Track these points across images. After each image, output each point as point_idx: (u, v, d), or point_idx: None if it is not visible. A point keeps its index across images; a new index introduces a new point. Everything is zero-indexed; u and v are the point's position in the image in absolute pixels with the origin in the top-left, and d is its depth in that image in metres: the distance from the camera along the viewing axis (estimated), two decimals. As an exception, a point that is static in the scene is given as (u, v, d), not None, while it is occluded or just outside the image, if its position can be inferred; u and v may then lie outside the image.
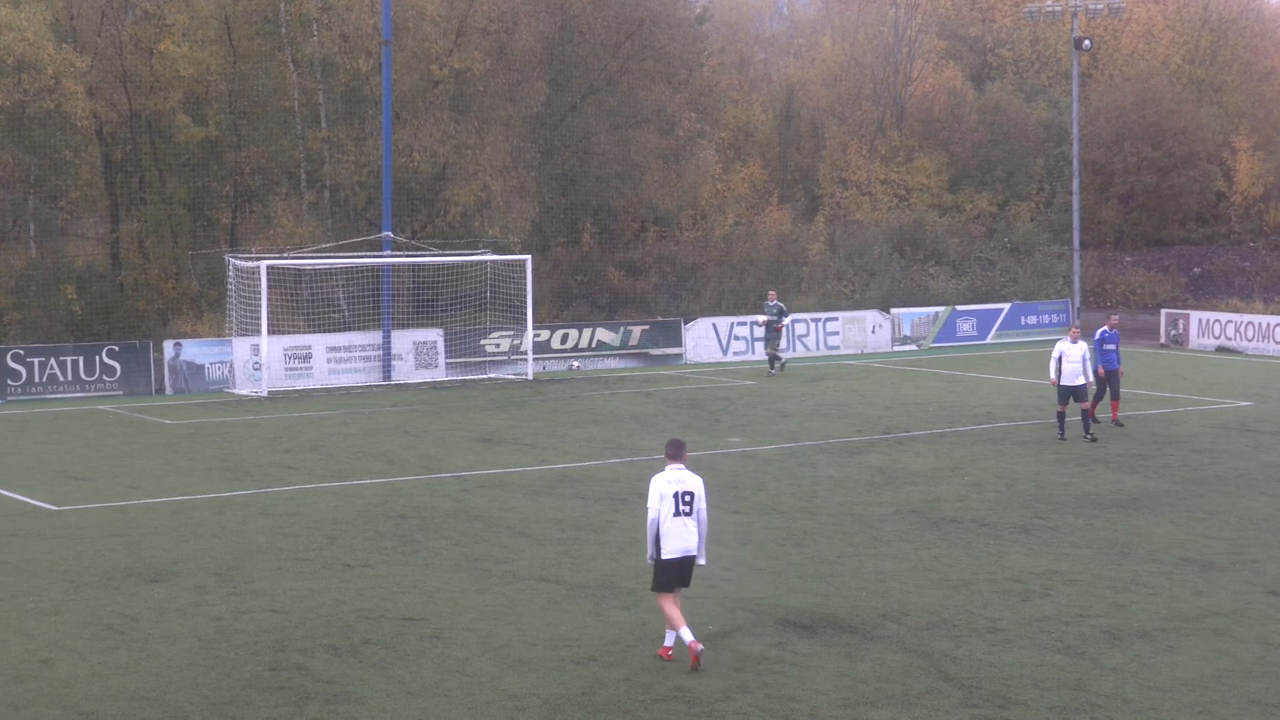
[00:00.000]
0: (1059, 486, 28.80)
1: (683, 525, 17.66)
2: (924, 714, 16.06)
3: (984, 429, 36.50)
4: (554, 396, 43.50)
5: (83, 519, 26.37)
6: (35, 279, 49.84)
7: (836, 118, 72.52)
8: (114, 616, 19.83)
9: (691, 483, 17.79)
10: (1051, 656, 18.03)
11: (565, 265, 60.55)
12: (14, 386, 42.84)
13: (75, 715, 16.11)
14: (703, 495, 17.89)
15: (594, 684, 17.05)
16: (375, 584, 21.50)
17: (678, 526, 17.65)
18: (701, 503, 17.82)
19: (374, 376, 46.67)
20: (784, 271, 62.03)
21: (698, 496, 17.79)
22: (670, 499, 17.62)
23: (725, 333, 53.53)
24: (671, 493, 17.64)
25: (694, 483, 17.81)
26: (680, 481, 17.75)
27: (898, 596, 20.70)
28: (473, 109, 54.69)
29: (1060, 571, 22.12)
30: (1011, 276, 65.82)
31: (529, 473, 30.61)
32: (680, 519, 17.65)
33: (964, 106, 72.53)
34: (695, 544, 17.76)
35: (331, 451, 33.69)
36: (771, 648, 18.37)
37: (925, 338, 57.50)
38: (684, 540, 17.67)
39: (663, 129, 62.50)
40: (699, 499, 17.80)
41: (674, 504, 17.63)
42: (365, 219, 53.41)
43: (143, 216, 53.20)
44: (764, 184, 70.71)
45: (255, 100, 53.55)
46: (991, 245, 67.81)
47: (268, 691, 16.81)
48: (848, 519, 25.95)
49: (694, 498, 17.74)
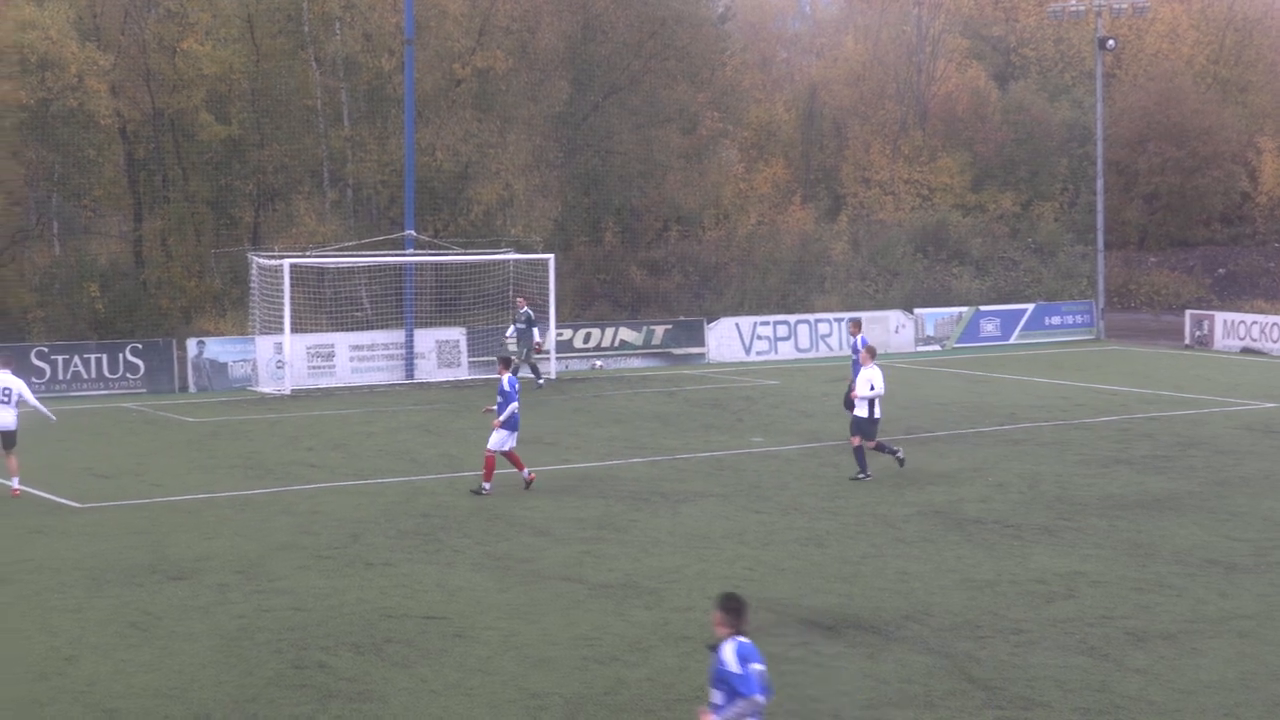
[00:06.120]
0: (1082, 487, 28.72)
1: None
2: (947, 715, 16.02)
3: (1007, 430, 36.41)
4: (576, 396, 43.48)
5: (106, 516, 26.42)
6: (59, 277, 49.94)
7: (859, 117, 72.37)
8: (137, 614, 19.86)
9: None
10: (1075, 658, 17.97)
11: (588, 264, 60.49)
12: (38, 384, 42.83)
13: (98, 712, 16.13)
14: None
15: (616, 683, 17.03)
16: (398, 582, 21.51)
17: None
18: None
19: (397, 375, 46.68)
20: (807, 271, 61.92)
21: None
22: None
23: (748, 332, 53.46)
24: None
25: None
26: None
27: (921, 597, 20.65)
28: (495, 108, 54.68)
29: (1084, 573, 22.05)
30: (1035, 277, 65.66)
31: (551, 472, 30.59)
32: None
33: (987, 106, 72.35)
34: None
35: (354, 450, 33.71)
36: (794, 648, 18.33)
37: (949, 338, 57.38)
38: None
39: (685, 128, 62.42)
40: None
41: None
42: (388, 218, 53.40)
43: (166, 214, 53.27)
44: (787, 183, 70.56)
45: (278, 99, 53.58)
46: (1015, 245, 67.63)
47: (290, 689, 16.82)
48: (870, 519, 25.90)
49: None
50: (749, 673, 11.90)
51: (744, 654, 12.02)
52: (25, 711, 16.17)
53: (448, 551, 23.54)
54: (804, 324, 54.93)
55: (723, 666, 11.98)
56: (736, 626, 12.17)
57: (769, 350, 53.46)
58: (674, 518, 26.11)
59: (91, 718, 16.01)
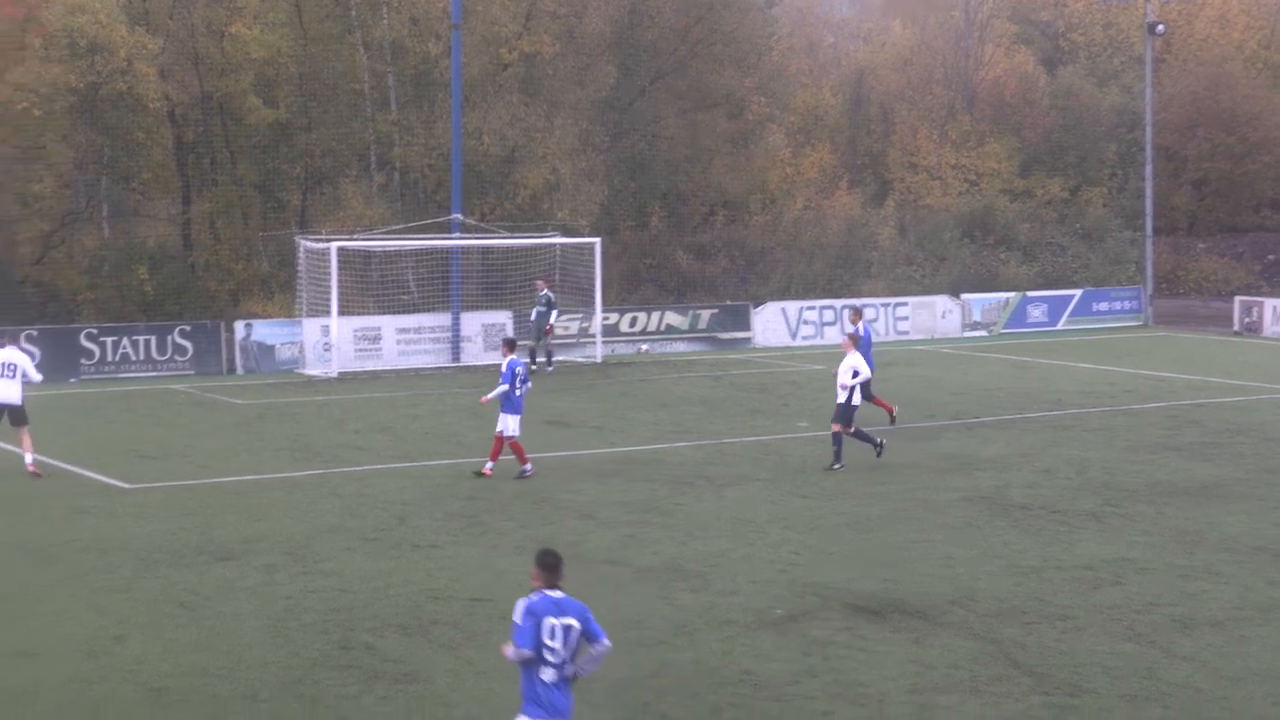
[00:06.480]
0: (1130, 474, 28.59)
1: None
2: (993, 700, 15.98)
3: (1054, 415, 36.28)
4: (622, 379, 43.51)
5: (154, 497, 26.56)
6: (108, 259, 50.23)
7: (906, 102, 72.12)
8: (185, 594, 19.97)
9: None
10: (1122, 645, 17.91)
11: (634, 248, 60.50)
12: (87, 365, 43.17)
13: (146, 691, 16.24)
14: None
15: (661, 666, 17.05)
16: (443, 565, 21.58)
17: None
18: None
19: (443, 358, 46.78)
20: (853, 256, 61.80)
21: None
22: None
23: (794, 317, 53.40)
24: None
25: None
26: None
27: (967, 583, 20.60)
28: (542, 92, 54.71)
29: (1131, 559, 21.96)
30: (1083, 262, 65.38)
31: (596, 455, 30.63)
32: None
33: (1035, 91, 72.05)
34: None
35: (400, 433, 33.81)
36: (840, 632, 18.31)
37: (995, 323, 57.19)
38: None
39: (732, 113, 62.34)
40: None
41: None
42: (434, 201, 53.50)
43: (214, 198, 53.48)
44: (833, 168, 70.36)
45: (325, 83, 53.74)
46: (1063, 231, 67.37)
47: (336, 670, 16.89)
48: (916, 504, 25.84)
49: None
50: (526, 625, 12.40)
51: (537, 608, 12.50)
52: (74, 689, 16.29)
53: (493, 534, 23.60)
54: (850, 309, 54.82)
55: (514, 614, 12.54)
56: (548, 581, 12.71)
57: (815, 335, 53.38)
58: (719, 502, 26.11)
59: (140, 696, 16.11)
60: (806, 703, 15.87)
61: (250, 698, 16.05)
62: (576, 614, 12.62)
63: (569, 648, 12.48)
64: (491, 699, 15.97)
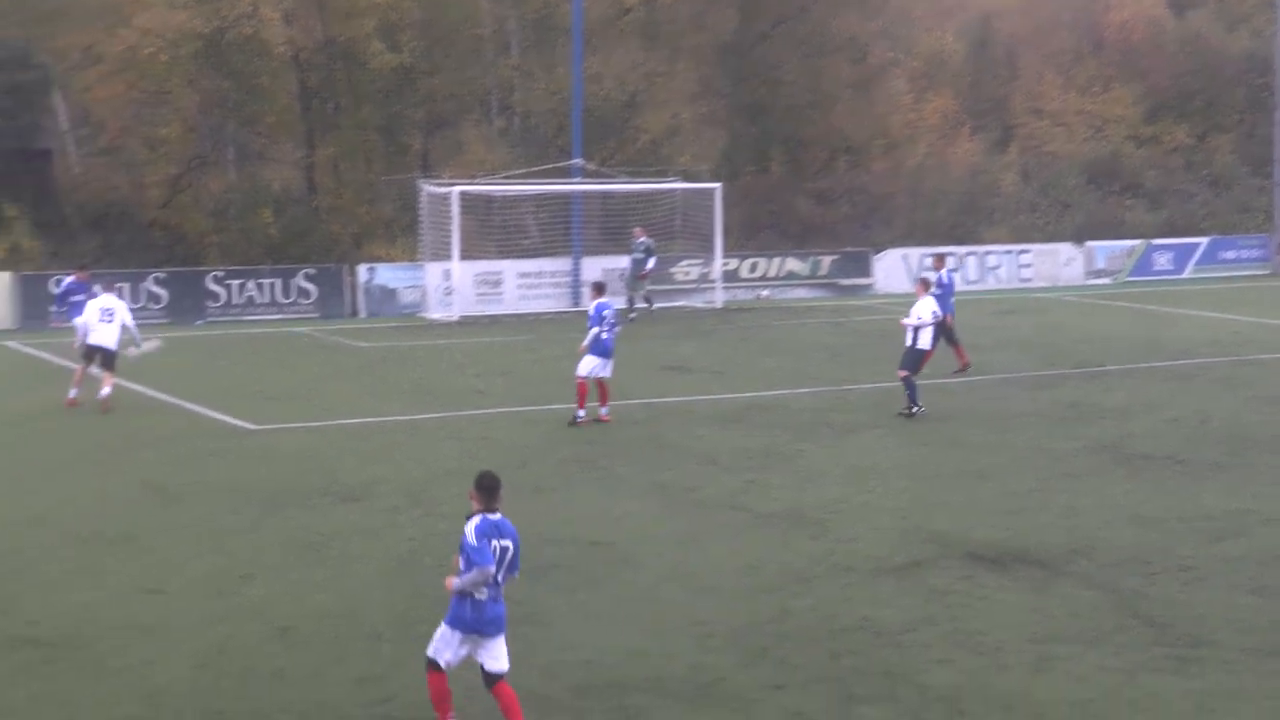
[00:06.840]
0: (1255, 424, 28.22)
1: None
2: (1113, 650, 15.88)
3: (1179, 365, 35.85)
4: (742, 325, 43.48)
5: (279, 439, 26.92)
6: (234, 202, 50.80)
7: (1031, 46, 71.27)
8: (311, 535, 20.24)
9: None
10: (1245, 597, 17.72)
11: (754, 194, 60.24)
12: (213, 308, 43.76)
13: (273, 629, 16.49)
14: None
15: (781, 613, 17.08)
16: (562, 508, 21.69)
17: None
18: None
19: (563, 303, 46.95)
20: (975, 203, 61.32)
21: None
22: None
23: (916, 264, 52.97)
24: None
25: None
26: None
27: (1088, 532, 20.46)
28: (662, 37, 54.62)
29: (1255, 511, 21.70)
30: (1210, 210, 64.43)
31: (718, 401, 30.68)
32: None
33: (1163, 35, 70.89)
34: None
35: (520, 376, 34.01)
36: (958, 581, 18.26)
37: (1120, 271, 56.55)
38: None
39: (854, 58, 61.88)
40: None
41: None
42: (555, 146, 53.58)
43: (337, 142, 53.88)
44: (955, 114, 69.71)
45: (447, 27, 53.95)
46: (1190, 178, 66.39)
47: (458, 612, 17.03)
48: (1037, 453, 25.67)
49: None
50: (484, 546, 13.06)
51: (484, 530, 13.17)
52: (202, 627, 16.57)
53: (612, 479, 23.71)
54: (972, 255, 54.45)
55: (464, 539, 13.16)
56: (486, 504, 13.36)
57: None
58: (839, 449, 26.08)
59: (266, 634, 16.36)
60: (924, 650, 15.86)
61: (374, 638, 16.26)
62: (512, 537, 13.39)
63: (503, 569, 13.26)
64: (608, 644, 16.07)
